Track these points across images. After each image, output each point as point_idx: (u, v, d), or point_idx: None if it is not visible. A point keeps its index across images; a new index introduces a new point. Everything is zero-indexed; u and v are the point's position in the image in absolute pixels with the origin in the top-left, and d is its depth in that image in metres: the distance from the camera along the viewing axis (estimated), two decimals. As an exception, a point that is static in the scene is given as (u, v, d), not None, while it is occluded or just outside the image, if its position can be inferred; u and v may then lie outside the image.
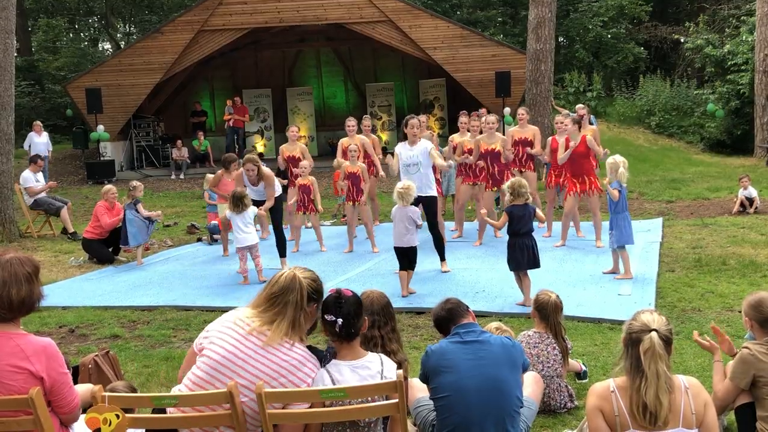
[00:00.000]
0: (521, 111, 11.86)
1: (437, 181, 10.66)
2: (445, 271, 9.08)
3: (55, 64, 28.55)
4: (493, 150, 10.54)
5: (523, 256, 7.40)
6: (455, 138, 11.48)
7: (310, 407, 3.42)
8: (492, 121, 10.73)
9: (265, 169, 9.88)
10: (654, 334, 3.16)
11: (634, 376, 3.18)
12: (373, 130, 11.77)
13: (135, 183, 10.96)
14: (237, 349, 3.44)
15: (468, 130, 11.25)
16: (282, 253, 9.75)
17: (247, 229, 8.98)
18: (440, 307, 4.10)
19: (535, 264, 7.48)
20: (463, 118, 11.57)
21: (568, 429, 4.51)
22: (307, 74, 25.30)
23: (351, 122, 11.61)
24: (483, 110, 13.51)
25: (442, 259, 9.19)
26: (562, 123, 10.88)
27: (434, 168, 9.60)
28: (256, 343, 3.43)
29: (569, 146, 9.91)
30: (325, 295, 3.64)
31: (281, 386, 3.40)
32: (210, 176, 12.12)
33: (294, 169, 11.43)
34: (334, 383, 3.45)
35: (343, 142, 11.45)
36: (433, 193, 9.35)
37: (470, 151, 10.86)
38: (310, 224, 11.84)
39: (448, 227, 11.57)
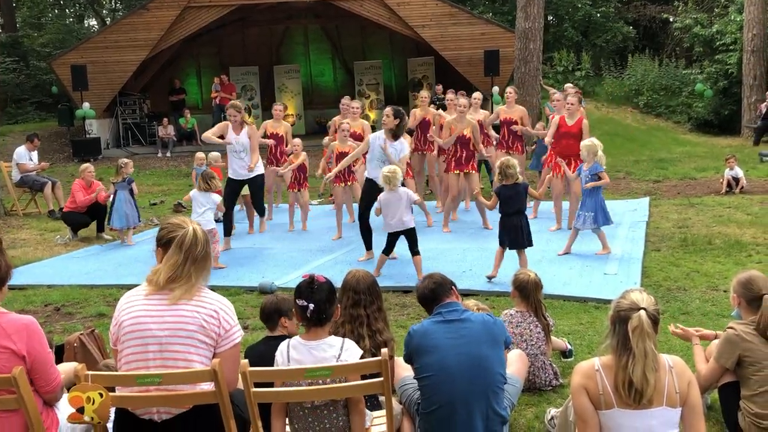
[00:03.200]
0: (510, 90, 11.51)
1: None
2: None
3: (40, 40, 28.24)
4: (463, 135, 10.03)
5: (516, 235, 7.48)
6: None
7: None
8: (462, 104, 10.14)
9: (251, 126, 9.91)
10: (643, 312, 3.16)
11: (621, 354, 3.18)
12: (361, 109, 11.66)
13: (125, 160, 10.78)
14: (151, 314, 3.35)
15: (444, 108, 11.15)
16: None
17: (204, 211, 8.61)
18: (424, 285, 4.09)
19: (528, 243, 7.56)
20: (424, 92, 11.90)
21: (553, 407, 4.52)
22: (294, 52, 25.12)
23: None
24: (438, 86, 12.85)
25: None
26: (559, 101, 10.54)
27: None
28: (162, 302, 3.35)
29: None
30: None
31: (211, 329, 3.34)
32: (201, 155, 12.07)
33: (282, 147, 11.37)
34: (289, 360, 3.51)
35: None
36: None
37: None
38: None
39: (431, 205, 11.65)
